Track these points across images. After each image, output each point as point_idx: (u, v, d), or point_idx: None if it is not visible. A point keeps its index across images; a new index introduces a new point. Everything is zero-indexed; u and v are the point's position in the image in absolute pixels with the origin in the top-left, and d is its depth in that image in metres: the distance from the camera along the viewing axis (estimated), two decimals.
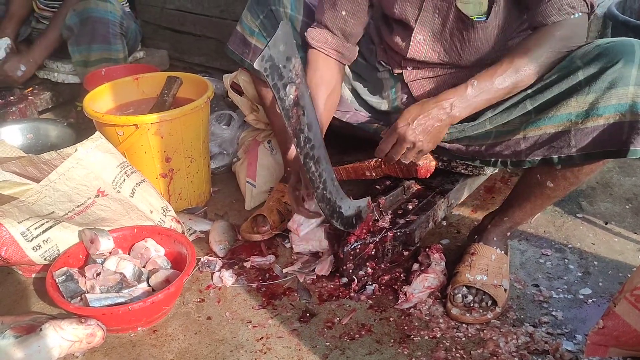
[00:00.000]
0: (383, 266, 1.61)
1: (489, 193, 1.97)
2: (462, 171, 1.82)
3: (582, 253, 1.68)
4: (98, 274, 1.47)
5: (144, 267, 1.56)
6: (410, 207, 1.71)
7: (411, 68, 1.61)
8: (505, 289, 1.48)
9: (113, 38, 2.40)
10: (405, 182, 1.78)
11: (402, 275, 1.60)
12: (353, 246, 1.53)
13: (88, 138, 1.47)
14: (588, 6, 1.33)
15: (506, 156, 1.46)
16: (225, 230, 1.77)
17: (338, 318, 1.46)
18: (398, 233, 1.60)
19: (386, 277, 1.59)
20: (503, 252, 1.55)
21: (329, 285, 1.58)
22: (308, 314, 1.48)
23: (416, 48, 1.55)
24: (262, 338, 1.41)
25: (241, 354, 1.37)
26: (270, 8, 1.66)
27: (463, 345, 1.37)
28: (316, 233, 1.67)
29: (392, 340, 1.39)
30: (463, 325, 1.42)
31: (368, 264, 1.58)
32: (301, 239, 1.67)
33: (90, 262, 1.52)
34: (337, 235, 1.61)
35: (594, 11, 1.35)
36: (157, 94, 2.00)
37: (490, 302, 1.45)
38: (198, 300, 1.55)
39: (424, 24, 1.51)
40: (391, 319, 1.45)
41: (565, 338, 1.37)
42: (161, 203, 1.67)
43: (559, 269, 1.61)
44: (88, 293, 1.43)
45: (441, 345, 1.37)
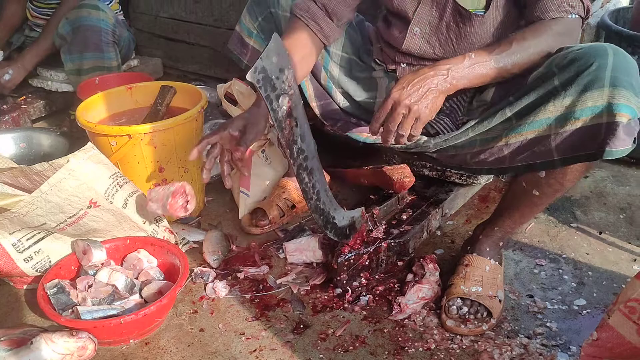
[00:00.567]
0: (377, 277, 1.61)
1: (483, 202, 1.97)
2: (456, 180, 1.83)
3: (577, 263, 1.67)
4: (90, 286, 1.46)
5: (137, 279, 1.55)
6: (404, 217, 1.71)
7: (405, 64, 1.61)
8: (500, 300, 1.47)
9: (106, 46, 2.39)
10: (399, 192, 1.78)
11: (397, 285, 1.59)
12: (347, 257, 1.53)
13: (80, 149, 1.46)
14: (584, 9, 1.36)
15: (491, 163, 1.47)
16: (218, 240, 1.77)
17: (332, 329, 1.45)
18: (392, 243, 1.60)
19: (380, 288, 1.58)
20: (497, 263, 1.55)
21: (323, 296, 1.57)
22: (302, 326, 1.47)
23: (412, 40, 1.55)
24: (256, 350, 1.40)
25: None
26: (269, 10, 1.67)
27: (457, 357, 1.36)
28: (310, 243, 1.67)
29: (386, 352, 1.38)
30: (457, 336, 1.42)
31: (362, 275, 1.57)
32: (295, 250, 1.67)
33: (82, 274, 1.51)
34: (331, 245, 1.61)
35: (589, 17, 1.38)
36: (151, 104, 2.00)
37: (485, 314, 1.44)
38: (191, 311, 1.54)
39: (421, 16, 1.52)
40: (385, 330, 1.45)
41: (559, 349, 1.37)
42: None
43: (554, 280, 1.61)
44: (79, 305, 1.42)
45: (435, 357, 1.36)
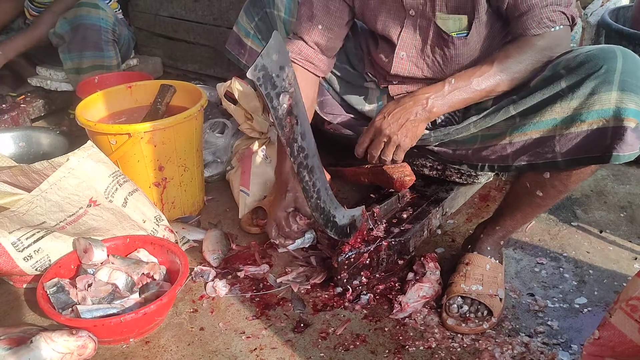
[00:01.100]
0: (378, 275, 1.61)
1: (484, 201, 1.96)
2: (456, 180, 1.83)
3: (577, 262, 1.67)
4: (89, 285, 1.45)
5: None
6: (404, 216, 1.71)
7: (396, 82, 1.62)
8: (500, 299, 1.47)
9: (105, 45, 2.39)
10: (399, 191, 1.78)
11: (397, 284, 1.59)
12: (347, 255, 1.52)
13: (80, 147, 1.46)
14: (569, 19, 1.35)
15: (493, 161, 1.47)
16: (218, 239, 1.76)
17: (332, 328, 1.45)
18: (393, 242, 1.59)
19: (381, 287, 1.58)
20: (498, 261, 1.55)
21: (323, 295, 1.56)
22: (302, 325, 1.46)
23: (399, 64, 1.56)
24: (256, 349, 1.40)
25: None
26: (265, 10, 1.67)
27: (458, 355, 1.36)
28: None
29: (387, 350, 1.38)
30: (458, 335, 1.41)
31: (362, 274, 1.57)
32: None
33: (81, 273, 1.50)
34: (332, 244, 1.60)
35: (575, 23, 1.37)
36: (151, 102, 1.99)
37: (486, 312, 1.44)
38: (191, 310, 1.53)
39: (406, 41, 1.52)
40: (386, 329, 1.44)
41: (561, 348, 1.37)
42: (154, 212, 1.65)
43: (554, 278, 1.61)
44: (79, 304, 1.42)
45: (436, 355, 1.36)
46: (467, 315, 1.44)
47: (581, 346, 1.33)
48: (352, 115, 1.77)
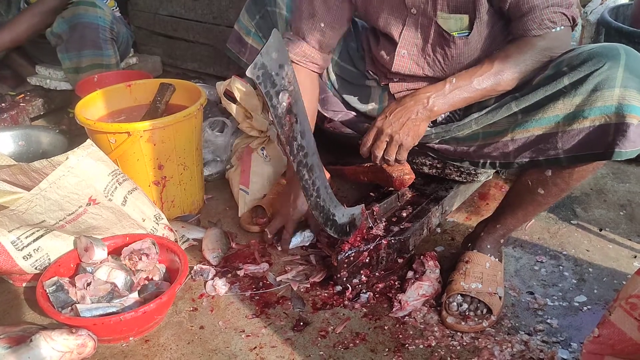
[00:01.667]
0: (377, 274, 1.60)
1: (484, 200, 1.96)
2: (456, 178, 1.82)
3: (577, 260, 1.67)
4: (88, 284, 1.45)
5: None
6: (404, 215, 1.71)
7: (397, 80, 1.62)
8: (500, 297, 1.47)
9: (104, 43, 2.37)
10: (399, 190, 1.77)
11: (397, 283, 1.59)
12: (347, 254, 1.52)
13: (79, 146, 1.46)
14: (570, 20, 1.35)
15: (495, 157, 1.47)
16: (218, 237, 1.76)
17: (332, 327, 1.45)
18: (392, 240, 1.59)
19: (380, 285, 1.58)
20: (497, 260, 1.55)
21: (323, 293, 1.56)
22: (302, 323, 1.46)
23: (400, 62, 1.56)
24: (256, 347, 1.40)
25: None
26: (266, 8, 1.67)
27: (458, 354, 1.36)
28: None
29: (387, 349, 1.38)
30: (458, 333, 1.41)
31: (362, 272, 1.57)
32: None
33: (80, 272, 1.50)
34: (331, 243, 1.60)
35: (577, 24, 1.38)
36: (150, 101, 1.99)
37: (485, 310, 1.44)
38: (191, 309, 1.53)
39: (407, 39, 1.52)
40: (386, 328, 1.44)
41: (560, 346, 1.37)
42: (154, 211, 1.65)
43: (554, 276, 1.61)
44: (79, 303, 1.42)
45: (436, 354, 1.36)
46: (467, 313, 1.45)
47: (581, 344, 1.34)
48: (354, 112, 1.77)
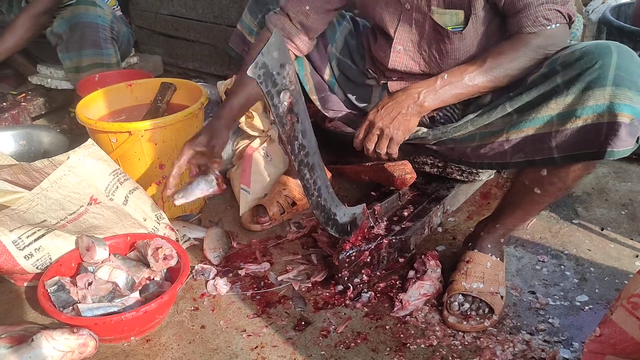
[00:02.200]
0: (378, 273, 1.60)
1: (485, 199, 1.96)
2: (457, 177, 1.82)
3: (579, 259, 1.67)
4: (90, 284, 1.45)
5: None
6: (405, 214, 1.70)
7: (395, 78, 1.62)
8: (501, 297, 1.47)
9: (104, 43, 2.37)
10: (400, 189, 1.78)
11: (398, 282, 1.59)
12: (348, 253, 1.52)
13: (80, 145, 1.46)
14: (565, 17, 1.35)
15: (491, 158, 1.47)
16: (219, 237, 1.76)
17: (333, 326, 1.45)
18: (393, 240, 1.59)
19: (382, 285, 1.58)
20: (499, 259, 1.54)
21: (324, 293, 1.56)
22: (303, 323, 1.46)
23: (396, 58, 1.56)
24: (257, 347, 1.40)
25: None
26: (268, 8, 1.67)
27: (460, 353, 1.36)
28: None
29: (388, 348, 1.38)
30: (459, 333, 1.41)
31: (363, 272, 1.57)
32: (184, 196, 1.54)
33: (82, 271, 1.50)
34: (332, 242, 1.60)
35: (573, 21, 1.37)
36: (151, 100, 1.99)
37: (487, 310, 1.44)
38: (192, 308, 1.53)
39: (403, 35, 1.52)
40: (387, 327, 1.44)
41: (562, 346, 1.36)
42: (155, 210, 1.65)
43: (556, 276, 1.60)
44: (80, 303, 1.42)
45: (438, 353, 1.36)
46: (468, 313, 1.44)
47: (582, 344, 1.33)
48: (354, 111, 1.77)
